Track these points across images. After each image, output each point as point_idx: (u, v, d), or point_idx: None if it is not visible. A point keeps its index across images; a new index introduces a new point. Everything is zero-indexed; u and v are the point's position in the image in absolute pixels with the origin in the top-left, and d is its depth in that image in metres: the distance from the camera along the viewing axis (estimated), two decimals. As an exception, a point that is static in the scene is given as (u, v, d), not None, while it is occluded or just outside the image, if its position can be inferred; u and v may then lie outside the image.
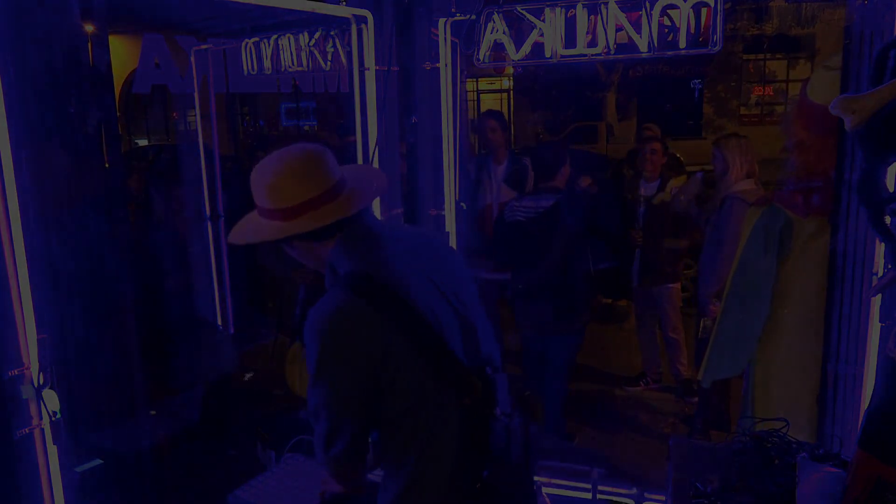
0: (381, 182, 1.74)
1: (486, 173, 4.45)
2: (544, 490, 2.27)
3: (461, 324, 1.58)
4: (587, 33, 2.64)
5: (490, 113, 4.95)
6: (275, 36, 3.57)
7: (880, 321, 2.32)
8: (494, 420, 1.54)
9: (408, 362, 1.47)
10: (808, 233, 2.84)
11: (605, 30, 2.59)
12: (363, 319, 1.46)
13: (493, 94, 20.23)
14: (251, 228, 1.58)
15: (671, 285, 4.39)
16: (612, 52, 2.62)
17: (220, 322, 4.77)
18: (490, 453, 1.54)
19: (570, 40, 2.66)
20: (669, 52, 2.56)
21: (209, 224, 4.65)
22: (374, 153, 3.03)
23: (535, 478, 1.82)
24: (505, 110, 19.01)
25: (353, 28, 3.06)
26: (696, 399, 4.37)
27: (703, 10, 2.50)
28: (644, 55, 2.56)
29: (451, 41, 3.04)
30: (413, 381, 1.48)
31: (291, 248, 1.62)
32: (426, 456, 1.52)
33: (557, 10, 2.65)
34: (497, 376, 1.58)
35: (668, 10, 2.52)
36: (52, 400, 1.90)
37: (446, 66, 3.06)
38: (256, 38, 3.69)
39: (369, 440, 1.57)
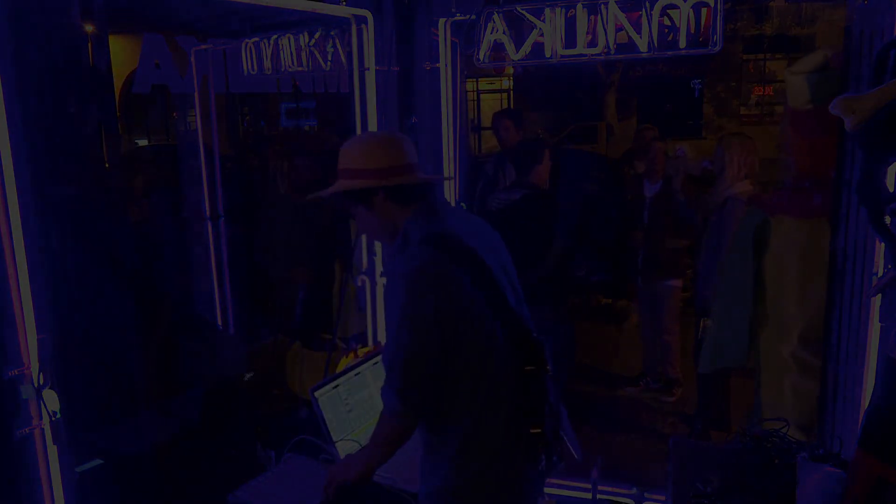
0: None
1: (502, 172, 4.46)
2: (545, 490, 2.28)
3: (514, 293, 1.79)
4: (587, 33, 2.64)
5: (505, 112, 5.00)
6: (275, 36, 3.56)
7: (880, 321, 2.32)
8: (548, 375, 1.72)
9: (482, 316, 1.64)
10: (782, 231, 2.98)
11: (605, 30, 2.59)
12: (445, 270, 1.63)
13: (493, 94, 20.22)
14: (339, 185, 1.78)
15: (673, 283, 4.39)
16: (612, 52, 2.61)
17: (220, 322, 4.76)
18: (546, 405, 1.71)
19: (570, 40, 2.66)
20: (669, 52, 2.56)
21: (209, 224, 4.64)
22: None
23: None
24: (505, 110, 18.97)
25: (353, 28, 3.06)
26: (672, 399, 4.47)
27: (703, 10, 2.50)
28: (644, 55, 2.56)
29: (451, 41, 3.04)
30: (484, 332, 1.65)
31: (371, 211, 1.76)
32: (487, 410, 1.66)
33: (557, 10, 2.65)
34: (542, 338, 1.75)
35: (668, 10, 2.52)
36: (52, 400, 1.90)
37: (446, 66, 3.06)
38: (256, 38, 3.68)
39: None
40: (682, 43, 2.53)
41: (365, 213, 1.78)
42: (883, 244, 2.05)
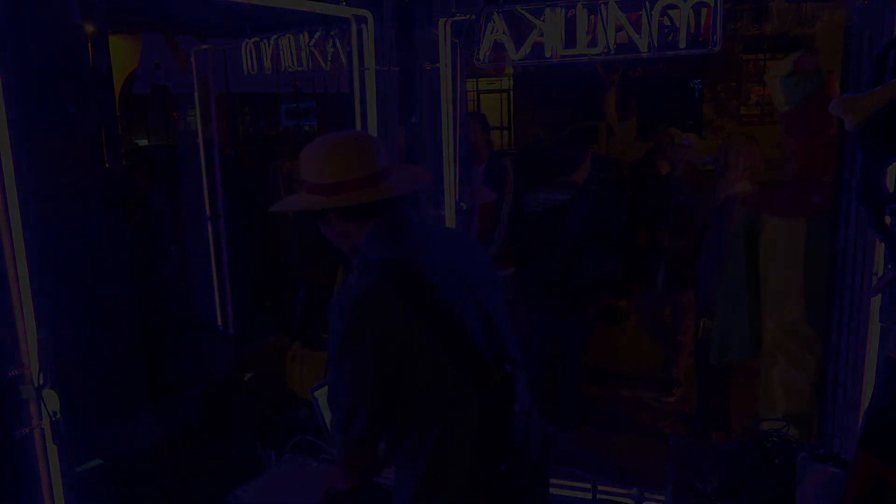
0: (425, 179, 1.88)
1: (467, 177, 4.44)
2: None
3: (484, 320, 1.61)
4: (587, 33, 2.64)
5: (471, 114, 4.97)
6: (275, 36, 3.56)
7: (880, 321, 2.33)
8: (513, 415, 1.56)
9: (429, 350, 1.50)
10: (767, 230, 3.02)
11: (605, 30, 2.59)
12: (387, 303, 1.50)
13: (493, 94, 20.21)
14: (293, 201, 1.69)
15: (692, 289, 4.34)
16: (612, 52, 2.62)
17: (220, 322, 4.77)
18: (508, 448, 1.55)
19: (570, 40, 2.67)
20: (669, 52, 2.56)
21: (209, 224, 4.65)
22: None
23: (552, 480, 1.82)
24: (505, 110, 18.98)
25: (353, 28, 3.06)
26: (672, 399, 4.44)
27: (703, 10, 2.50)
28: (644, 55, 2.56)
29: (451, 41, 3.04)
30: (433, 369, 1.51)
31: (329, 228, 1.66)
32: (444, 449, 1.53)
33: (557, 10, 2.66)
34: (517, 373, 1.60)
35: (668, 10, 2.52)
36: (52, 400, 1.90)
37: (446, 66, 3.06)
38: (256, 38, 3.68)
39: (383, 428, 1.58)
40: (682, 43, 2.53)
41: (324, 227, 1.67)
42: (883, 244, 2.05)
